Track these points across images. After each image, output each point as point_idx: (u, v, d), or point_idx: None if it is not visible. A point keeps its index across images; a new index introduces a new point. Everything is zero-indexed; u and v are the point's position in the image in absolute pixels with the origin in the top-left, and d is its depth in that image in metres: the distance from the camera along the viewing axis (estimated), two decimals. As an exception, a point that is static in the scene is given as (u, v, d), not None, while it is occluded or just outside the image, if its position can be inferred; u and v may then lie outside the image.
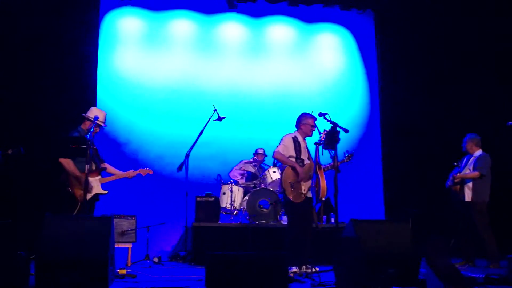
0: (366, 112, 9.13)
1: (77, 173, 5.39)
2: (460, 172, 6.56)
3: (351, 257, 4.23)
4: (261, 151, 8.00)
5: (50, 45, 7.47)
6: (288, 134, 5.90)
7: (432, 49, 8.60)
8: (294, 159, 5.74)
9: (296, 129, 5.94)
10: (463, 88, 8.37)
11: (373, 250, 4.11)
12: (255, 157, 7.96)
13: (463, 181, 6.49)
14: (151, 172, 5.93)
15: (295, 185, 5.63)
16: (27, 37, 7.38)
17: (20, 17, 7.37)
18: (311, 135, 5.90)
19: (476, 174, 6.41)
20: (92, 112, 5.71)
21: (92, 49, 7.83)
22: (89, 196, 5.49)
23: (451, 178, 6.61)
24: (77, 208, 5.32)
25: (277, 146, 5.79)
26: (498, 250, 6.25)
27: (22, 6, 7.38)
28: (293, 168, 5.67)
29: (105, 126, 5.87)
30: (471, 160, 6.57)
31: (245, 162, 7.89)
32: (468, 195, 6.43)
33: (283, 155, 5.72)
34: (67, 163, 5.39)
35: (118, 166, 6.87)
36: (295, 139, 5.82)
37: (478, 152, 6.57)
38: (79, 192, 5.31)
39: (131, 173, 5.82)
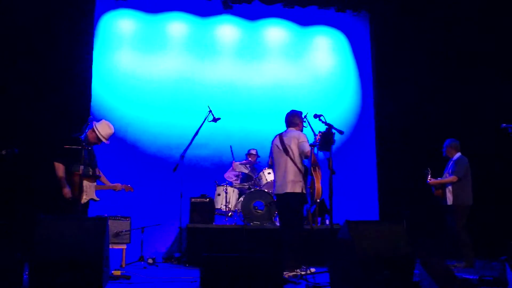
0: (360, 113, 9.15)
1: (63, 179, 5.40)
2: (432, 177, 6.68)
3: (345, 258, 4.24)
4: (253, 152, 7.99)
5: (45, 45, 7.43)
6: (297, 131, 5.75)
7: (427, 50, 8.62)
8: None
9: (292, 127, 5.79)
10: (458, 89, 8.39)
11: (367, 252, 4.11)
12: (248, 158, 7.95)
13: (444, 186, 6.59)
14: (132, 190, 6.19)
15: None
16: (23, 36, 7.34)
17: (16, 17, 7.33)
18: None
19: (453, 178, 6.52)
20: (102, 127, 5.73)
21: (87, 51, 7.79)
22: (85, 199, 5.52)
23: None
24: (78, 209, 5.34)
25: (304, 144, 5.52)
26: (473, 251, 6.33)
27: (18, 5, 7.35)
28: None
29: (108, 143, 5.88)
30: (450, 164, 6.70)
31: (239, 164, 7.88)
32: (449, 199, 6.53)
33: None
34: (58, 167, 5.42)
35: (112, 168, 6.87)
36: None
37: (456, 156, 6.67)
38: (77, 194, 5.34)
39: (118, 186, 6.02)
